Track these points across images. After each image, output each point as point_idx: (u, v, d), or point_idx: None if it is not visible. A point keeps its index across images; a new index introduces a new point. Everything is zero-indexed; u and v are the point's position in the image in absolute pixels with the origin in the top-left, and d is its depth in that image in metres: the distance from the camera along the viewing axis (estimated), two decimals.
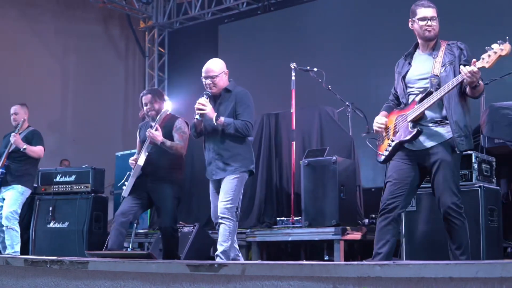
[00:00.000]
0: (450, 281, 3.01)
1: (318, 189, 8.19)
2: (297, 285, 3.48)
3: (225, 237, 6.65)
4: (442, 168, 5.37)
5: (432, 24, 5.56)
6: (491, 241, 6.50)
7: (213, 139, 6.87)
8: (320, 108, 9.52)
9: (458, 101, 5.43)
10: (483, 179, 6.75)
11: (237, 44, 15.92)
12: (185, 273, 4.02)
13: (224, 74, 6.93)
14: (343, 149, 8.85)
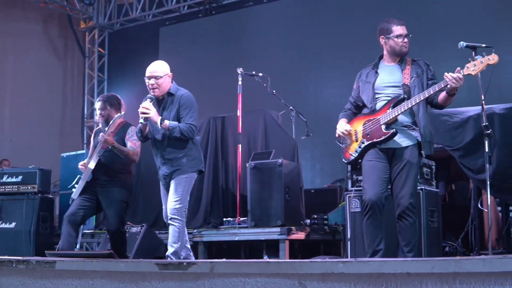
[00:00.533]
0: (408, 276, 3.28)
1: (264, 190, 8.43)
2: (264, 281, 3.69)
3: (175, 238, 6.78)
4: (407, 168, 5.82)
5: (407, 41, 6.10)
6: (432, 240, 6.88)
7: (160, 143, 6.95)
8: (265, 112, 9.76)
9: (425, 110, 5.97)
10: (424, 182, 7.14)
11: (179, 47, 16.07)
12: (154, 272, 4.16)
13: (168, 77, 7.04)
14: (286, 152, 9.12)
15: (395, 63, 6.17)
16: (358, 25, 13.04)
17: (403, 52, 6.11)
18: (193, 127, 6.87)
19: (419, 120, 5.92)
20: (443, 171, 7.99)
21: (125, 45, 17.17)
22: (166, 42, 16.59)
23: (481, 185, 7.40)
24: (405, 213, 5.74)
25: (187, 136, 6.82)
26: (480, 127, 6.69)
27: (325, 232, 8.80)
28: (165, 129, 6.77)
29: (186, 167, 6.89)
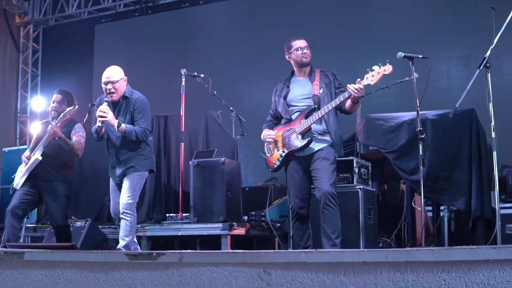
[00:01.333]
0: (364, 264, 3.66)
1: (206, 187, 8.70)
2: (230, 270, 4.01)
3: (127, 231, 7.06)
4: (324, 163, 6.37)
5: (307, 52, 6.73)
6: (369, 236, 7.33)
7: (115, 144, 7.27)
8: (206, 112, 10.06)
9: (335, 117, 6.57)
10: (362, 182, 7.58)
11: (114, 45, 16.07)
12: (124, 262, 4.43)
13: (123, 81, 7.32)
14: (227, 151, 9.46)
15: (305, 76, 6.79)
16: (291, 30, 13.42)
17: (303, 62, 6.75)
18: (147, 130, 7.24)
19: (330, 127, 6.51)
20: (377, 171, 8.42)
21: (60, 41, 17.07)
22: (102, 40, 16.58)
23: (414, 186, 7.86)
24: (328, 200, 6.22)
25: (141, 139, 7.19)
26: (414, 131, 7.20)
27: (263, 228, 9.14)
28: (122, 132, 7.07)
29: (139, 166, 7.22)
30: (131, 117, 7.25)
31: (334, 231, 6.23)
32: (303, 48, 6.73)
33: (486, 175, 7.73)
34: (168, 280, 4.25)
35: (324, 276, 3.76)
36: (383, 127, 8.18)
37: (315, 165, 6.41)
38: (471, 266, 3.43)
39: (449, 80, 12.16)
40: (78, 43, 16.68)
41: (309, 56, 6.73)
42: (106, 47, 16.35)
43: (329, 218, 6.24)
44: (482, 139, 7.84)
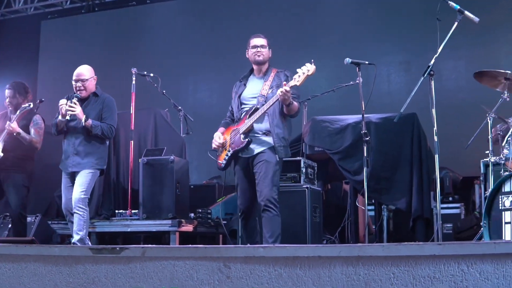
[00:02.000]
0: (319, 259, 3.90)
1: (156, 185, 8.89)
2: (192, 264, 4.21)
3: (80, 226, 7.28)
4: (265, 166, 6.46)
5: (261, 50, 6.78)
6: (315, 233, 7.64)
7: (75, 137, 7.51)
8: (155, 110, 10.24)
9: (279, 118, 6.59)
10: (308, 181, 7.88)
11: (61, 41, 16.07)
12: (87, 256, 4.59)
13: (93, 79, 7.65)
14: (175, 149, 9.67)
15: (261, 75, 6.84)
16: (236, 31, 13.67)
17: (256, 60, 6.79)
18: (113, 128, 7.56)
19: (273, 128, 6.53)
20: (321, 171, 8.72)
21: (5, 37, 16.95)
22: (47, 36, 16.53)
23: (357, 186, 8.19)
24: (269, 206, 6.36)
25: (106, 135, 7.50)
26: (358, 134, 7.51)
27: (210, 225, 9.37)
28: (88, 126, 7.34)
29: (92, 163, 7.48)
30: (99, 114, 7.54)
31: (272, 235, 6.34)
32: (258, 46, 6.77)
33: (426, 177, 8.10)
34: (131, 273, 4.42)
35: (281, 270, 3.99)
36: (329, 129, 8.50)
37: (256, 168, 6.51)
38: (418, 261, 3.71)
39: (389, 84, 12.55)
40: (24, 39, 16.62)
41: (263, 55, 6.76)
42: (52, 43, 16.34)
43: (268, 221, 6.37)
44: (423, 142, 8.21)
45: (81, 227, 7.27)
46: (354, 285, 3.84)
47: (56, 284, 4.70)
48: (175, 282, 4.26)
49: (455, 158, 10.10)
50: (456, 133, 10.46)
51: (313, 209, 7.70)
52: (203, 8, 14.69)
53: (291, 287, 3.97)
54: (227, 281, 4.12)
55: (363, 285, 3.82)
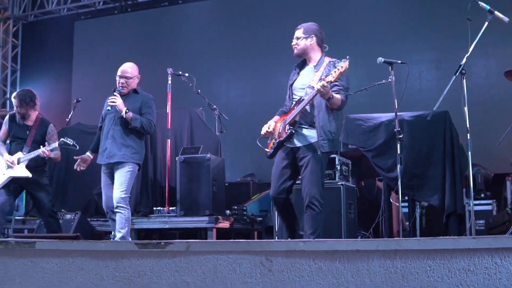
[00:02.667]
0: (357, 252, 4.04)
1: (193, 182, 9.10)
2: (234, 257, 4.35)
3: (122, 224, 7.46)
4: (309, 164, 6.33)
5: (296, 42, 6.65)
6: (350, 229, 7.79)
7: (113, 129, 7.69)
8: (190, 109, 10.46)
9: (326, 111, 6.36)
10: (343, 178, 8.03)
11: (94, 42, 16.34)
12: (133, 250, 4.74)
13: (137, 78, 7.87)
14: (210, 148, 9.84)
15: (313, 64, 6.63)
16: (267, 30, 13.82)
17: (294, 54, 6.68)
18: (152, 123, 7.71)
19: (318, 121, 6.33)
20: (355, 169, 8.86)
21: (40, 37, 17.27)
22: (81, 36, 16.80)
23: (391, 183, 8.30)
24: (312, 203, 6.25)
25: (145, 129, 7.64)
26: (391, 131, 7.64)
27: (245, 222, 9.53)
28: (128, 119, 7.50)
29: (128, 156, 7.62)
30: (136, 110, 7.69)
31: (314, 232, 6.27)
32: (294, 39, 6.67)
33: (458, 174, 8.19)
34: (176, 267, 4.56)
35: (321, 263, 4.13)
36: (362, 127, 8.61)
37: (301, 162, 6.40)
38: (453, 254, 3.83)
39: (421, 81, 12.64)
40: (58, 39, 16.87)
41: (297, 47, 6.63)
42: (86, 44, 16.58)
43: (310, 218, 6.30)
44: (455, 139, 8.30)
45: (123, 225, 7.45)
46: (392, 277, 3.96)
47: (102, 278, 4.83)
48: (218, 275, 4.40)
49: (487, 155, 10.18)
50: (487, 130, 10.54)
51: (348, 205, 7.85)
52: (235, 7, 14.84)
53: (331, 280, 4.09)
54: (268, 274, 4.25)
55: (400, 277, 3.94)
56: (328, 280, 4.10)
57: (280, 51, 7.02)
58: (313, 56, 6.66)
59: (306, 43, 6.62)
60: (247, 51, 14.21)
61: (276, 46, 7.02)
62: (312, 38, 6.63)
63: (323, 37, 6.74)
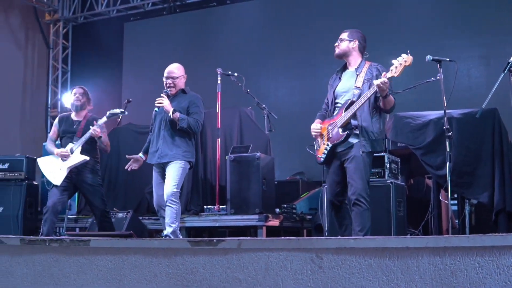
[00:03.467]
0: (407, 249, 4.08)
1: (243, 181, 9.22)
2: (285, 255, 4.43)
3: (173, 218, 7.57)
4: (354, 162, 6.52)
5: (338, 43, 6.88)
6: (399, 227, 7.81)
7: (162, 130, 7.82)
8: (240, 109, 10.58)
9: (367, 112, 6.58)
10: (392, 176, 8.05)
11: (144, 42, 16.55)
12: (186, 248, 4.85)
13: (183, 78, 7.99)
14: (260, 146, 9.94)
15: (353, 67, 6.83)
16: (315, 29, 13.84)
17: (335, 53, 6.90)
18: (199, 123, 7.80)
19: (360, 122, 6.53)
20: (404, 167, 8.86)
21: (89, 38, 17.46)
22: (131, 37, 16.99)
23: (440, 180, 8.29)
24: (359, 200, 6.40)
25: (193, 129, 7.75)
26: (440, 129, 7.64)
27: (295, 220, 9.60)
28: (175, 119, 7.62)
29: (179, 155, 7.73)
30: (184, 110, 7.80)
31: (362, 229, 6.40)
32: (338, 40, 6.88)
33: (507, 171, 8.14)
34: (228, 264, 4.66)
35: (371, 260, 4.18)
36: (411, 125, 8.62)
37: (346, 162, 6.58)
38: (502, 251, 3.86)
39: (469, 78, 12.56)
40: (107, 41, 17.05)
41: (338, 48, 6.85)
42: (135, 44, 16.80)
43: (358, 215, 6.43)
44: (504, 136, 8.26)
45: (173, 219, 7.56)
46: (441, 274, 4.00)
47: (155, 275, 4.94)
48: (269, 272, 4.48)
49: None
50: None
51: (397, 203, 7.86)
52: (283, 7, 14.87)
53: (381, 276, 4.15)
54: (319, 271, 4.32)
55: (450, 274, 3.98)
56: (378, 277, 4.15)
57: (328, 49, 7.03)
58: (353, 60, 6.86)
59: (349, 46, 6.83)
60: (295, 49, 14.25)
61: (324, 44, 7.06)
62: (355, 42, 6.83)
63: (365, 45, 6.92)
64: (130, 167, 8.19)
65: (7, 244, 5.67)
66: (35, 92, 17.82)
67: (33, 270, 5.47)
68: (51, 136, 8.82)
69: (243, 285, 4.58)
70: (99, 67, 16.78)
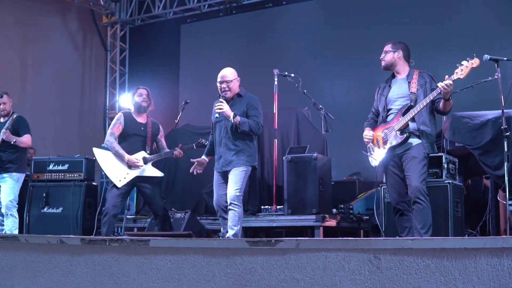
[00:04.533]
0: (465, 250, 4.10)
1: (300, 181, 9.21)
2: (343, 255, 4.48)
3: (235, 221, 7.60)
4: (413, 161, 6.72)
5: (383, 56, 7.18)
6: (457, 227, 7.76)
7: (224, 136, 7.83)
8: (297, 109, 10.58)
9: (426, 115, 6.85)
10: (450, 176, 7.99)
11: (200, 44, 16.66)
12: (244, 248, 4.91)
13: (237, 81, 7.95)
14: (317, 147, 9.92)
15: (403, 76, 7.09)
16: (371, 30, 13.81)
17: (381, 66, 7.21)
18: (260, 124, 7.80)
19: (419, 126, 6.79)
20: (462, 167, 8.81)
21: (146, 40, 17.73)
22: (187, 39, 17.15)
23: (498, 180, 8.22)
24: (418, 198, 6.59)
25: (254, 131, 7.75)
26: (498, 129, 7.58)
27: (352, 221, 9.61)
28: (236, 123, 7.64)
29: (243, 161, 7.74)
30: (242, 114, 7.79)
31: (424, 226, 6.57)
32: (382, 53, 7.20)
33: None
34: (286, 264, 4.71)
35: (428, 261, 4.20)
36: (469, 125, 8.57)
37: (406, 163, 6.77)
38: None
39: None
40: (164, 42, 17.27)
41: (384, 60, 7.16)
42: (192, 46, 16.93)
43: (418, 213, 6.60)
44: None
45: (236, 222, 7.59)
46: (499, 275, 4.00)
47: (214, 274, 5.01)
48: (327, 272, 4.52)
49: None
50: None
51: (455, 203, 7.82)
52: (338, 7, 14.87)
53: (439, 277, 4.16)
54: (377, 271, 4.35)
55: (507, 275, 3.99)
56: (435, 278, 4.17)
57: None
58: (400, 69, 7.11)
59: (394, 56, 7.10)
60: (351, 49, 14.23)
61: (380, 45, 7.08)
62: (399, 52, 7.09)
63: (409, 53, 7.17)
64: (195, 170, 8.24)
65: (68, 244, 5.80)
66: (93, 94, 18.13)
67: (93, 270, 5.58)
68: (115, 133, 8.82)
69: (301, 285, 4.63)
70: (156, 68, 16.97)
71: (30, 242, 6.07)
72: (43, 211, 10.81)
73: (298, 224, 9.12)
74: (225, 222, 7.77)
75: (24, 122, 9.77)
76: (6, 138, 9.43)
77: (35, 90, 16.43)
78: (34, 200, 10.95)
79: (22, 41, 16.50)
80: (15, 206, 9.55)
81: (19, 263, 6.03)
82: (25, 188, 10.59)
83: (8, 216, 9.46)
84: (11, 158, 9.61)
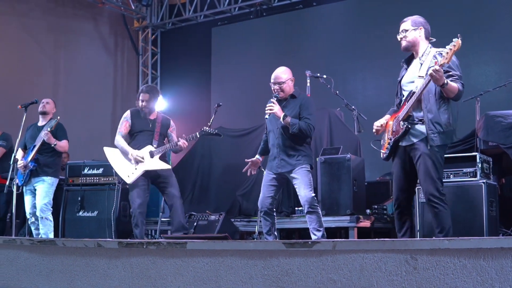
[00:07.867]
0: (502, 250, 4.08)
1: (333, 182, 9.28)
2: (380, 256, 4.48)
3: (319, 223, 7.62)
4: (422, 160, 6.16)
5: (402, 35, 6.50)
6: (491, 227, 7.75)
7: (277, 138, 7.83)
8: (329, 110, 10.66)
9: (435, 102, 6.16)
10: (484, 176, 7.99)
11: (231, 47, 16.70)
12: (281, 249, 4.92)
13: (291, 81, 7.91)
14: (350, 148, 9.99)
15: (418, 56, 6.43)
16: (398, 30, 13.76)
17: (401, 46, 6.50)
18: (311, 126, 7.73)
19: (425, 114, 6.12)
20: (496, 166, 8.78)
21: (178, 44, 17.81)
22: (218, 42, 17.16)
23: None
24: (432, 201, 6.12)
25: (305, 133, 7.68)
26: None
27: (386, 221, 9.61)
28: (286, 124, 7.62)
29: (299, 162, 7.71)
30: (297, 115, 7.75)
31: (442, 230, 6.07)
32: (400, 31, 6.53)
33: None
34: (323, 265, 4.72)
35: (465, 261, 4.19)
36: (502, 124, 8.53)
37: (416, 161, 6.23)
38: None
39: None
40: (195, 46, 17.37)
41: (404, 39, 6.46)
42: (223, 49, 16.96)
43: (435, 217, 6.18)
44: None
45: (320, 224, 7.61)
46: None
47: (251, 276, 5.03)
48: (364, 273, 4.53)
49: None
50: None
51: (489, 203, 7.81)
52: (368, 7, 14.83)
53: (475, 277, 4.15)
54: (414, 272, 4.35)
55: None
56: (472, 278, 4.16)
57: None
58: (420, 49, 6.44)
59: (416, 35, 6.43)
60: (382, 49, 14.15)
61: None
62: (420, 29, 6.44)
63: (429, 30, 6.51)
64: (249, 171, 8.25)
65: (105, 247, 5.86)
66: (126, 98, 18.16)
67: (130, 273, 5.64)
68: (122, 132, 8.96)
69: (338, 286, 4.64)
70: (188, 71, 17.07)
71: (67, 246, 6.15)
72: (78, 215, 10.94)
73: (332, 225, 9.14)
74: (267, 223, 7.79)
75: (63, 128, 9.91)
76: (48, 140, 9.52)
77: (68, 95, 16.49)
78: (69, 204, 11.07)
79: (54, 46, 16.65)
80: (49, 209, 9.66)
81: (56, 266, 6.12)
82: (60, 192, 10.76)
83: (43, 219, 9.58)
84: (48, 161, 9.76)
